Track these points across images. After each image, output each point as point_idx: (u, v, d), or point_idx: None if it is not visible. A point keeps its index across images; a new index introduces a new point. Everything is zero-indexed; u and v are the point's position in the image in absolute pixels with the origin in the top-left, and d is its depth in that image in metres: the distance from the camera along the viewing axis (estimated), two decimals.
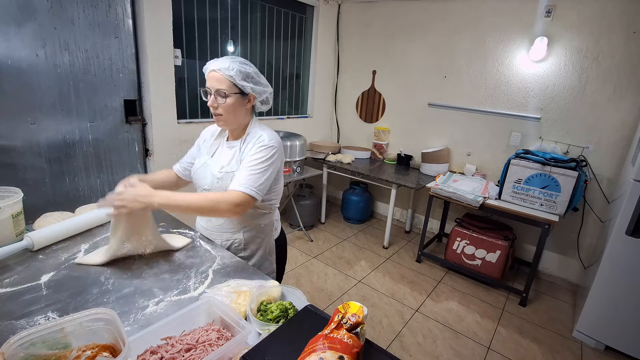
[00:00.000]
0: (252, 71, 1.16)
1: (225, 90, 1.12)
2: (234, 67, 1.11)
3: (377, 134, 3.55)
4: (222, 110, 1.15)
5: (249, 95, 1.18)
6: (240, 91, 1.15)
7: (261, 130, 1.23)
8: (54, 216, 1.29)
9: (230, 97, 1.13)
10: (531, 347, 2.04)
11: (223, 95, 1.13)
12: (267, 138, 1.19)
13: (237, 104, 1.16)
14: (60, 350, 0.67)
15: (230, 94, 1.13)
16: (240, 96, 1.16)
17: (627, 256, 1.88)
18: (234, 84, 1.12)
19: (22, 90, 1.72)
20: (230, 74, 1.11)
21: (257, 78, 1.17)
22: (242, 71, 1.13)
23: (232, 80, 1.11)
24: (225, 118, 1.18)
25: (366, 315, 0.73)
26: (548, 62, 2.55)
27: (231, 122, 1.20)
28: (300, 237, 3.22)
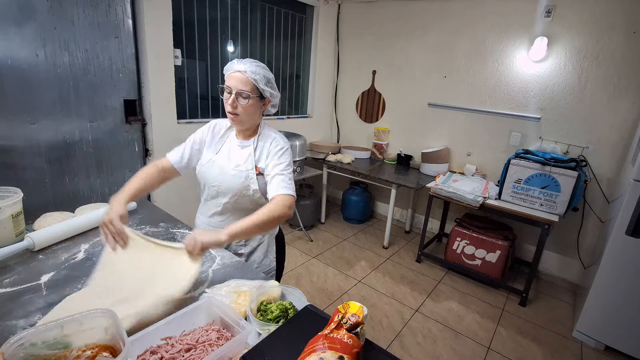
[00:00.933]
0: (272, 77, 1.22)
1: (249, 92, 1.16)
2: (260, 72, 1.16)
3: (377, 134, 3.55)
4: (241, 111, 1.19)
5: (266, 99, 1.24)
6: (260, 95, 1.20)
7: (273, 133, 1.30)
8: (54, 216, 1.29)
9: (251, 100, 1.18)
10: (531, 347, 2.04)
11: (246, 96, 1.16)
12: (282, 142, 1.27)
13: (255, 107, 1.21)
14: (60, 350, 0.67)
15: (252, 96, 1.17)
16: (259, 99, 1.21)
17: (627, 256, 1.88)
18: (257, 87, 1.17)
19: (22, 90, 1.72)
20: (256, 77, 1.16)
21: (274, 84, 1.24)
22: (266, 76, 1.19)
23: (256, 84, 1.16)
24: (242, 118, 1.21)
25: (366, 315, 0.73)
26: (548, 62, 2.55)
27: (246, 122, 1.24)
28: (300, 237, 3.22)
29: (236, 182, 1.24)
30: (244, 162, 1.25)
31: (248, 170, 1.24)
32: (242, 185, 1.24)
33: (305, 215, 3.28)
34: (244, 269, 1.14)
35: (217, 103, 2.80)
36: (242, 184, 1.24)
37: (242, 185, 1.24)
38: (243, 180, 1.23)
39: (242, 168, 1.24)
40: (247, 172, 1.24)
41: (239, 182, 1.24)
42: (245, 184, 1.24)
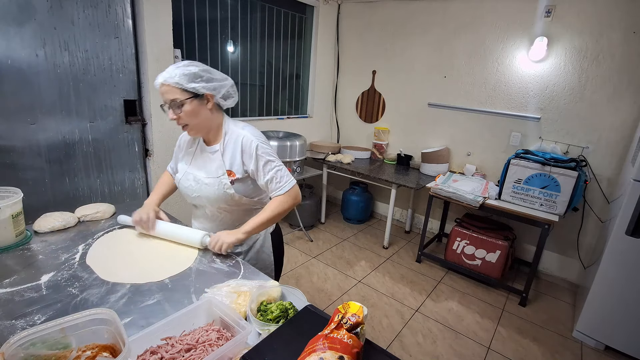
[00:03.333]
0: (198, 70, 1.10)
1: (178, 98, 1.08)
2: (176, 73, 1.07)
3: (377, 134, 3.55)
4: (185, 119, 1.12)
5: (205, 95, 1.13)
6: (194, 94, 1.10)
7: (239, 129, 1.21)
8: (54, 216, 1.29)
9: (186, 104, 1.09)
10: (531, 347, 2.04)
11: (179, 104, 1.09)
12: (253, 137, 1.19)
13: (196, 108, 1.12)
14: (60, 350, 0.67)
15: (184, 100, 1.08)
16: (195, 99, 1.11)
17: (627, 256, 1.88)
18: (184, 89, 1.07)
19: (22, 90, 1.72)
20: (176, 80, 1.06)
21: (208, 75, 1.12)
22: (186, 74, 1.07)
23: (180, 87, 1.07)
24: (192, 126, 1.15)
25: (366, 315, 0.73)
26: (548, 62, 2.55)
27: (200, 128, 1.18)
28: (300, 237, 3.22)
29: (212, 191, 1.21)
30: (215, 169, 1.21)
31: (220, 177, 1.20)
32: (219, 193, 1.21)
33: (305, 215, 3.28)
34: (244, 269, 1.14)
35: None
36: (218, 192, 1.21)
37: (219, 193, 1.21)
38: (217, 188, 1.20)
39: (213, 176, 1.21)
40: (219, 179, 1.20)
41: (214, 191, 1.21)
42: (221, 192, 1.21)
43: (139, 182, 2.31)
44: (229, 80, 1.19)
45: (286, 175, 1.22)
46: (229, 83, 1.18)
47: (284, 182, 1.20)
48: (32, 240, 1.18)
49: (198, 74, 1.09)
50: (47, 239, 1.20)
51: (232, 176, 1.20)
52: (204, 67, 1.12)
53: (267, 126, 3.19)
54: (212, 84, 1.12)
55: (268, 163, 1.19)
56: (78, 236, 1.24)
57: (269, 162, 1.19)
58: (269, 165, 1.19)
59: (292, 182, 1.22)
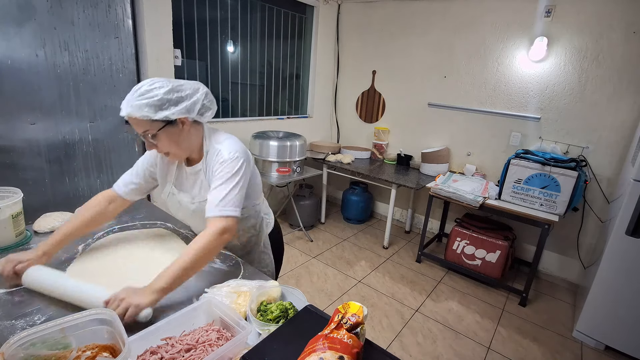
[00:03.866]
0: (163, 94, 0.95)
1: (149, 130, 0.97)
2: (142, 104, 0.93)
3: (377, 134, 3.55)
4: (164, 149, 1.03)
5: (178, 120, 1.00)
6: (165, 122, 0.97)
7: (218, 144, 1.08)
8: (54, 216, 1.29)
9: (161, 134, 0.98)
10: (531, 347, 2.04)
11: (152, 135, 0.98)
12: (226, 151, 1.05)
13: (172, 136, 1.00)
14: (60, 350, 0.67)
15: (158, 131, 0.98)
16: (169, 127, 0.99)
17: (627, 256, 1.88)
18: (153, 120, 0.95)
19: (22, 90, 1.72)
20: (143, 114, 0.93)
21: (176, 95, 0.97)
22: (153, 104, 0.94)
23: (148, 119, 0.95)
24: (174, 153, 1.06)
25: (366, 315, 0.73)
26: (548, 62, 2.55)
27: (181, 153, 1.08)
28: (300, 237, 3.22)
29: (199, 216, 1.10)
30: (199, 191, 1.13)
31: (205, 200, 1.07)
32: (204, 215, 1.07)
33: (305, 215, 3.28)
34: (244, 269, 1.14)
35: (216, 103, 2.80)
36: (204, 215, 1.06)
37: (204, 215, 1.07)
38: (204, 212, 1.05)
39: (199, 199, 1.12)
40: (205, 202, 1.07)
41: (201, 215, 1.06)
42: None
43: None
44: (201, 91, 1.04)
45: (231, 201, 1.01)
46: (201, 95, 1.03)
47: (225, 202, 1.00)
48: (32, 240, 1.18)
49: (164, 99, 0.95)
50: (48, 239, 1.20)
51: None
52: (169, 85, 0.97)
53: (267, 126, 3.19)
54: (184, 105, 0.98)
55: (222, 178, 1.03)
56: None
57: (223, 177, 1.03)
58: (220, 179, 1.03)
59: (228, 211, 1.00)
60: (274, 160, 2.82)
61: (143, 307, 0.82)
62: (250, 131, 2.97)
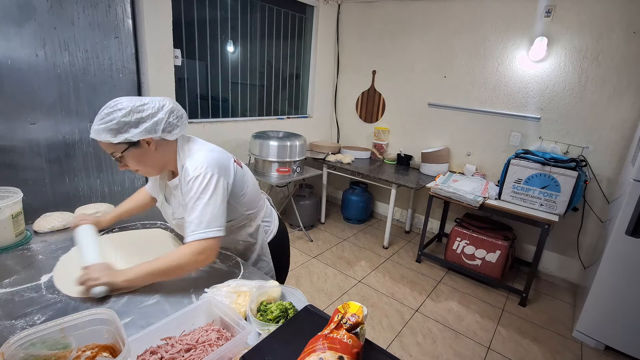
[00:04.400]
0: (120, 117, 0.93)
1: (114, 152, 0.98)
2: (98, 130, 0.94)
3: (377, 134, 3.55)
4: (132, 167, 1.03)
5: (141, 141, 0.98)
6: (128, 144, 0.97)
7: (187, 158, 1.04)
8: (54, 216, 1.29)
9: (125, 155, 0.99)
10: (531, 347, 2.04)
11: (118, 157, 0.99)
12: (192, 168, 1.00)
13: (137, 156, 1.00)
14: (60, 350, 0.67)
15: (122, 154, 0.98)
16: (133, 147, 0.98)
17: (627, 256, 1.88)
18: (115, 143, 0.95)
19: (22, 90, 1.72)
20: (105, 138, 0.94)
21: (136, 117, 0.95)
22: (110, 128, 0.93)
23: (113, 142, 0.95)
24: (144, 171, 1.06)
25: (366, 315, 0.73)
26: (548, 62, 2.55)
27: (152, 171, 1.09)
28: (300, 237, 3.22)
29: (182, 229, 1.08)
30: (177, 207, 1.13)
31: (183, 217, 1.07)
32: None
33: (305, 215, 3.28)
34: (244, 269, 1.14)
35: (216, 104, 2.80)
36: None
37: None
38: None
39: (178, 215, 1.13)
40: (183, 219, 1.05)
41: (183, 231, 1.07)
42: None
43: (139, 182, 2.31)
44: (165, 108, 0.99)
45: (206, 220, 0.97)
46: (164, 114, 0.98)
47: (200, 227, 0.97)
48: (32, 240, 1.18)
49: (122, 122, 0.93)
50: (47, 239, 1.20)
51: None
52: (129, 105, 0.94)
53: (267, 126, 3.19)
54: (144, 126, 0.96)
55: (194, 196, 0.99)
56: None
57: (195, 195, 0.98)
58: (193, 198, 0.99)
59: (205, 233, 0.97)
60: (274, 160, 2.82)
61: (98, 284, 0.90)
62: (250, 131, 2.97)
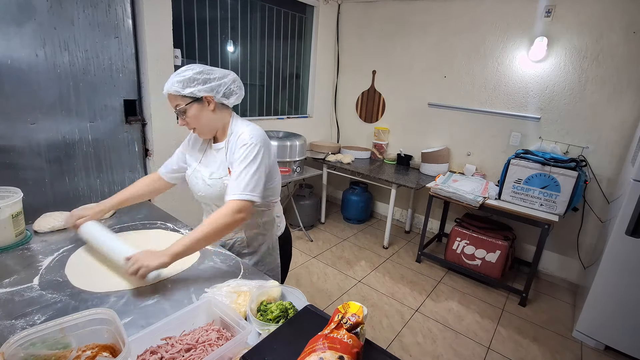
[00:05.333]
0: (192, 74, 1.08)
1: (180, 104, 1.11)
2: (173, 81, 1.08)
3: (377, 134, 3.55)
4: (191, 124, 1.15)
5: (204, 98, 1.12)
6: (192, 98, 1.10)
7: (243, 127, 1.19)
8: (54, 216, 1.29)
9: (188, 109, 1.11)
10: (531, 347, 2.04)
11: (182, 110, 1.12)
12: (247, 136, 1.14)
13: (198, 112, 1.13)
14: (60, 350, 0.67)
15: (185, 106, 1.11)
16: (195, 103, 1.11)
17: (627, 256, 1.88)
18: (182, 95, 1.09)
19: (22, 90, 1.72)
20: (174, 88, 1.08)
21: (204, 76, 1.10)
22: (180, 80, 1.08)
23: (178, 94, 1.09)
24: (200, 129, 1.18)
25: (366, 315, 0.73)
26: (548, 62, 2.55)
27: (206, 130, 1.19)
28: (300, 237, 3.22)
29: (215, 192, 1.20)
30: (217, 168, 1.21)
31: (222, 177, 1.18)
32: (221, 193, 1.18)
33: (305, 215, 3.28)
34: (244, 269, 1.14)
35: None
36: (220, 193, 1.18)
37: (221, 193, 1.18)
38: (220, 189, 1.18)
39: (216, 176, 1.20)
40: (222, 179, 1.18)
41: (216, 191, 1.19)
42: (223, 192, 1.16)
43: None
44: (229, 77, 1.15)
45: (252, 185, 1.10)
46: (228, 80, 1.14)
47: (244, 186, 1.09)
48: (32, 240, 1.18)
49: (193, 77, 1.08)
50: (47, 239, 1.20)
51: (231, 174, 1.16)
52: (201, 68, 1.10)
53: (267, 126, 3.18)
54: (209, 85, 1.10)
55: (243, 163, 1.11)
56: (78, 236, 1.24)
57: (244, 162, 1.11)
58: (242, 164, 1.11)
59: (248, 195, 1.09)
60: None
61: (152, 269, 0.95)
62: None
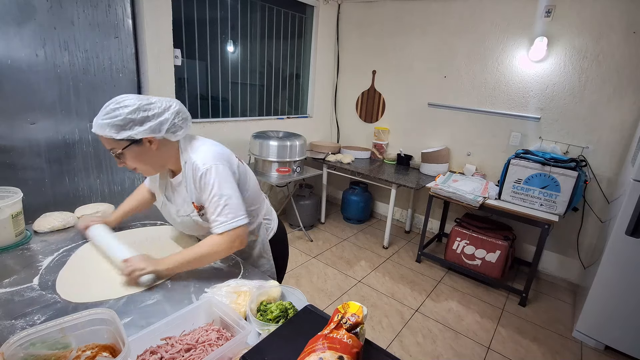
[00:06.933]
0: (126, 113, 0.93)
1: (115, 148, 0.97)
2: (102, 125, 0.93)
3: (377, 134, 3.55)
4: (131, 166, 1.02)
5: (144, 140, 0.98)
6: (130, 141, 0.96)
7: (194, 154, 1.05)
8: (54, 216, 1.29)
9: (125, 152, 0.98)
10: (531, 347, 2.04)
11: (118, 154, 0.98)
12: (200, 163, 1.02)
13: (138, 154, 1.00)
14: (60, 350, 0.67)
15: (123, 151, 0.97)
16: (134, 145, 0.97)
17: (627, 256, 1.88)
18: (117, 139, 0.95)
19: (22, 90, 1.72)
20: (105, 133, 0.93)
21: (141, 115, 0.95)
22: (114, 124, 0.92)
23: (115, 138, 0.94)
24: (142, 169, 1.05)
25: (366, 315, 0.73)
26: (548, 62, 2.55)
27: (151, 170, 1.08)
28: (300, 237, 3.22)
29: (189, 226, 1.16)
30: (182, 205, 1.12)
31: (189, 214, 1.11)
32: (196, 227, 1.14)
33: (305, 215, 3.28)
34: (244, 269, 1.14)
35: (216, 103, 2.80)
36: (195, 227, 1.14)
37: (196, 227, 1.14)
38: (192, 224, 1.13)
39: (182, 213, 1.13)
40: (189, 216, 1.11)
41: (191, 226, 1.15)
42: (197, 226, 1.13)
43: (138, 182, 2.31)
44: (172, 109, 1.01)
45: (233, 210, 1.02)
46: (170, 115, 1.00)
47: (224, 218, 1.02)
48: (32, 240, 1.18)
49: (127, 119, 0.93)
50: (47, 239, 1.20)
51: (199, 210, 1.09)
52: (136, 104, 0.95)
53: (267, 126, 3.19)
54: (149, 125, 0.96)
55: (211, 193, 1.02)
56: (78, 236, 1.24)
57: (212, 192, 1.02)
58: (212, 194, 1.02)
59: (235, 222, 1.02)
60: (274, 160, 2.82)
61: (146, 273, 0.96)
62: (250, 131, 2.97)
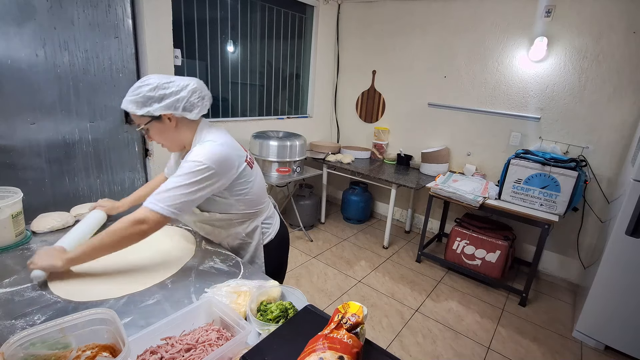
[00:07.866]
0: (147, 91, 1.00)
1: (139, 123, 1.06)
2: (127, 102, 1.02)
3: (377, 134, 3.55)
4: (157, 141, 1.12)
5: (163, 116, 1.05)
6: (151, 117, 1.04)
7: (199, 148, 1.06)
8: (52, 216, 1.29)
9: (150, 129, 1.08)
10: (531, 347, 2.04)
11: (143, 129, 1.07)
12: (201, 153, 1.02)
13: (159, 130, 1.08)
14: (60, 350, 0.67)
15: (145, 126, 1.06)
16: (155, 121, 1.06)
17: (627, 256, 1.88)
18: (139, 115, 1.03)
19: (22, 90, 1.72)
20: (131, 110, 1.02)
21: (160, 92, 1.01)
22: (136, 100, 1.01)
23: (137, 113, 1.02)
24: (167, 146, 1.15)
25: (366, 315, 0.73)
26: (548, 62, 2.55)
27: (171, 146, 1.16)
28: (300, 237, 3.22)
29: None
30: None
31: None
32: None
33: (305, 215, 3.28)
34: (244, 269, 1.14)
35: (216, 103, 2.80)
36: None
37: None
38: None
39: None
40: None
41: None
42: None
43: (138, 182, 2.31)
44: (188, 88, 1.05)
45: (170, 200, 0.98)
46: (187, 93, 1.04)
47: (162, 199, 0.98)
48: (32, 240, 1.18)
49: (147, 95, 1.00)
50: (47, 239, 1.20)
51: None
52: (156, 82, 1.02)
53: (267, 126, 3.19)
54: (166, 102, 1.02)
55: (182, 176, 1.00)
56: None
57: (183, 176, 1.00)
58: (180, 177, 1.00)
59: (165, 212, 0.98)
60: (274, 160, 2.82)
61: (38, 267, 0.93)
62: (250, 131, 2.97)
